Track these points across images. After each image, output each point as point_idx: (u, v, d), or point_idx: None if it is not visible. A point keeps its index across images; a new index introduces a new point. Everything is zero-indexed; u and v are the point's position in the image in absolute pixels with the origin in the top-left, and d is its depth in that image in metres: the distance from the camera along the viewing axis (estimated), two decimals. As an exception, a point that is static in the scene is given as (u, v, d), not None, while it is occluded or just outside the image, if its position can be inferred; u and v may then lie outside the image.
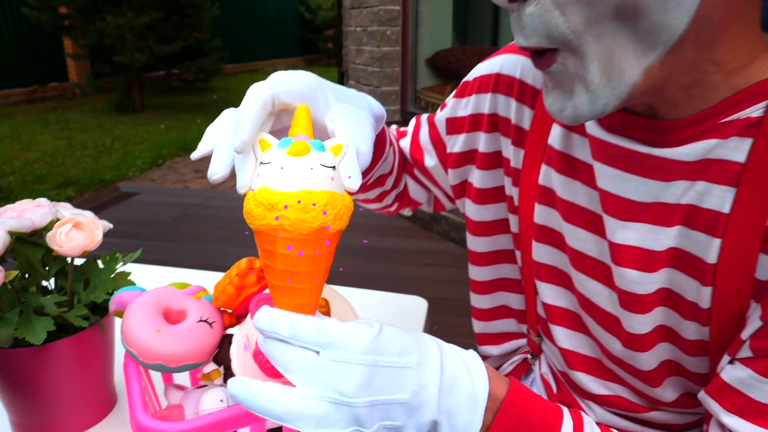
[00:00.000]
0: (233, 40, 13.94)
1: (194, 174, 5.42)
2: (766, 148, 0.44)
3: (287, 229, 0.41)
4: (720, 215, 0.47)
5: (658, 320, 0.54)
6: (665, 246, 0.51)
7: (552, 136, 0.61)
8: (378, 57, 3.35)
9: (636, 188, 0.51)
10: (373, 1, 3.32)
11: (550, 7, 0.41)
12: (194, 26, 10.03)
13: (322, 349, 0.40)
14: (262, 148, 0.44)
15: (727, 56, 0.44)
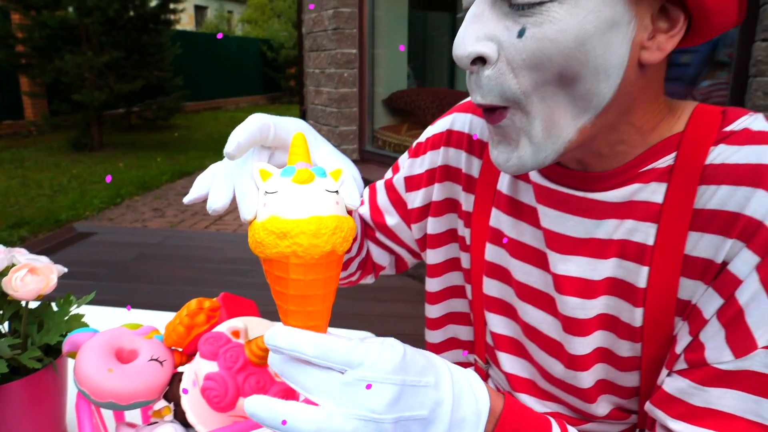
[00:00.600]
0: (195, 78, 13.95)
1: (153, 213, 5.37)
2: (678, 191, 0.53)
3: (300, 255, 0.43)
4: (646, 247, 0.55)
5: (597, 342, 0.61)
6: (602, 276, 0.58)
7: (501, 182, 0.69)
8: (336, 98, 3.44)
9: (574, 226, 0.59)
10: (330, 45, 3.42)
11: (505, 71, 0.48)
12: (156, 65, 10.02)
13: (350, 369, 0.42)
14: (263, 178, 0.45)
15: (642, 120, 0.54)
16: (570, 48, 0.46)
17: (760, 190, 0.48)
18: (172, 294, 2.88)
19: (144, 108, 10.32)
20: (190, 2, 20.62)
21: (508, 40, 0.48)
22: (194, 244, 3.75)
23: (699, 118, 0.55)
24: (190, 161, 7.82)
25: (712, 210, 0.51)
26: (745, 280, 0.48)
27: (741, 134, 0.51)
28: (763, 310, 0.48)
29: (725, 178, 0.50)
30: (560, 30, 0.46)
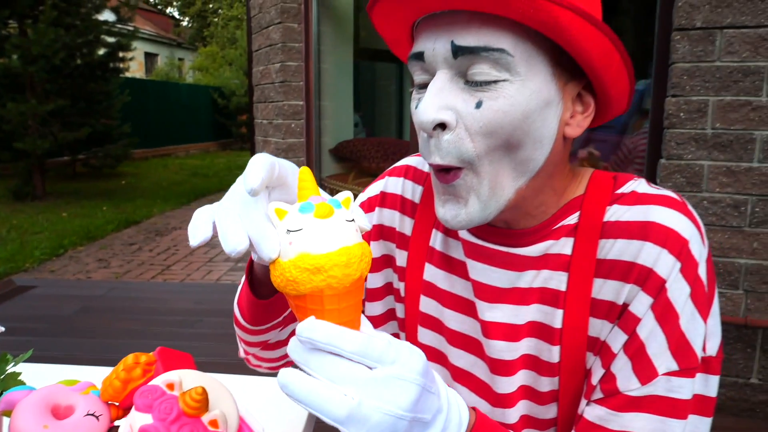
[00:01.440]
0: (144, 126, 13.81)
1: (97, 264, 5.23)
2: (583, 244, 0.62)
3: (334, 286, 0.44)
4: (560, 293, 0.64)
5: (521, 381, 0.67)
6: (525, 320, 0.66)
7: (433, 240, 0.75)
8: (284, 148, 3.51)
9: (499, 278, 0.67)
10: (278, 97, 3.51)
11: (463, 136, 0.55)
12: (103, 112, 9.89)
13: (382, 366, 0.45)
14: (280, 217, 0.46)
15: (558, 184, 0.64)
16: (518, 119, 0.55)
17: (648, 243, 0.58)
18: (115, 348, 2.81)
19: (90, 156, 10.13)
20: (140, 50, 20.57)
21: (467, 110, 0.55)
22: (140, 296, 3.68)
23: (596, 183, 0.65)
24: (138, 210, 7.69)
25: (612, 260, 0.60)
26: (643, 318, 0.57)
27: (630, 196, 0.61)
28: (660, 342, 0.57)
29: (620, 233, 0.60)
30: (511, 104, 0.54)
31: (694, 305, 0.57)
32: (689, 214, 0.59)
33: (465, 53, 0.54)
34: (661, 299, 0.57)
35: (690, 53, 2.07)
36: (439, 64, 0.56)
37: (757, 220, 2.08)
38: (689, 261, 0.57)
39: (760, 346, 2.17)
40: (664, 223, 0.58)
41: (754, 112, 2.03)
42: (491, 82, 0.54)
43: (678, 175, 2.14)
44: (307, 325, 0.45)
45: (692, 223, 0.59)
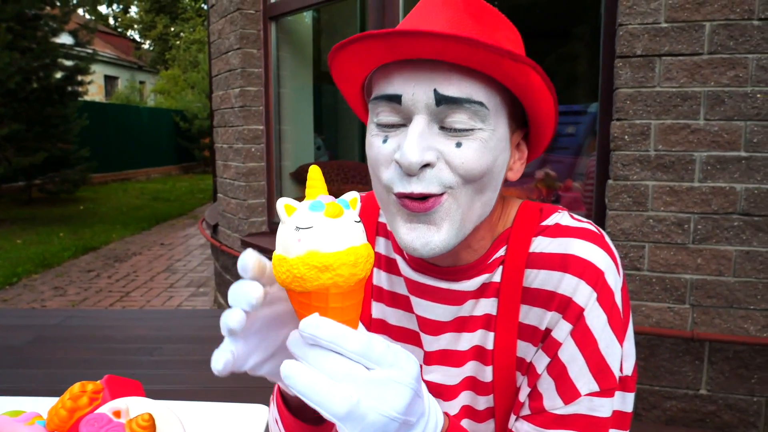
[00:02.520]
0: (104, 150, 13.57)
1: (53, 292, 5.10)
2: (510, 272, 0.67)
3: (340, 284, 0.45)
4: (492, 317, 0.68)
5: (463, 401, 0.71)
6: (470, 345, 0.70)
7: (377, 279, 0.79)
8: (244, 172, 3.51)
9: (443, 312, 0.71)
10: (237, 122, 3.52)
11: (444, 169, 0.59)
12: (60, 136, 9.71)
13: (381, 368, 0.46)
14: (288, 213, 0.47)
15: (494, 217, 0.70)
16: (490, 162, 0.60)
17: (567, 275, 0.63)
18: (69, 378, 2.73)
19: (46, 181, 9.90)
20: (100, 73, 20.27)
21: (448, 149, 0.58)
22: (97, 324, 3.59)
23: (523, 215, 0.70)
24: (96, 235, 7.52)
25: (536, 289, 0.66)
26: (564, 343, 0.62)
27: (553, 228, 0.67)
28: (580, 365, 0.62)
29: (543, 264, 0.65)
30: (485, 148, 0.59)
31: (611, 331, 0.62)
32: (605, 246, 0.65)
33: (448, 102, 0.57)
34: (579, 326, 0.62)
35: (632, 79, 2.17)
36: (420, 109, 0.58)
37: (700, 237, 2.17)
38: (605, 290, 0.62)
39: (707, 358, 2.26)
40: (581, 256, 0.63)
41: (693, 134, 2.14)
42: (468, 129, 0.58)
43: (625, 195, 2.23)
44: (311, 322, 0.46)
45: (608, 255, 0.64)
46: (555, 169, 3.32)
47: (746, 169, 2.11)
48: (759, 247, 2.13)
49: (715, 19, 2.08)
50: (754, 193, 2.11)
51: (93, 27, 10.81)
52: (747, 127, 2.09)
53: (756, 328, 2.17)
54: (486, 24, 0.60)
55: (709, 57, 2.10)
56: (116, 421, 0.73)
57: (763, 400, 2.23)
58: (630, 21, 2.16)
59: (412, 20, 0.61)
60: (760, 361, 2.21)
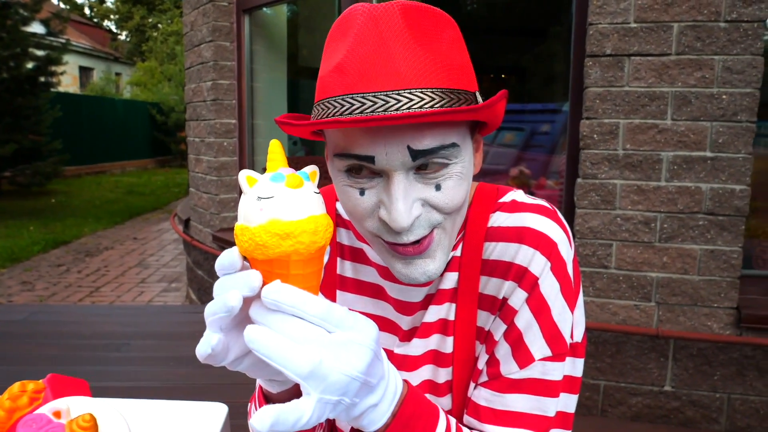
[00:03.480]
0: (77, 142, 13.32)
1: (21, 287, 4.99)
2: (470, 246, 0.69)
3: (301, 251, 0.47)
4: (455, 290, 0.70)
5: (425, 375, 0.72)
6: (436, 318, 0.71)
7: (342, 268, 0.79)
8: (215, 167, 3.46)
9: (416, 293, 0.73)
10: (209, 115, 3.47)
11: (431, 211, 0.60)
12: (31, 128, 9.50)
13: (341, 330, 0.49)
14: (250, 184, 0.49)
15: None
16: (466, 187, 0.62)
17: (523, 246, 0.65)
18: (32, 375, 2.67)
19: (17, 173, 9.68)
20: (75, 63, 19.89)
21: (430, 194, 0.60)
22: (64, 320, 3.52)
23: (481, 194, 0.73)
24: (67, 229, 7.39)
25: (494, 260, 0.68)
26: (519, 310, 0.65)
27: (510, 204, 0.70)
28: (534, 331, 0.64)
29: (501, 237, 0.68)
30: (460, 179, 0.61)
31: (563, 299, 0.65)
32: (558, 220, 0.67)
33: (424, 155, 0.57)
34: (534, 294, 0.65)
35: (601, 78, 2.19)
36: (396, 167, 0.57)
37: (666, 235, 2.20)
38: (558, 261, 0.65)
39: (672, 356, 2.29)
40: (537, 228, 0.66)
41: (660, 134, 2.16)
42: (443, 165, 0.59)
43: (593, 194, 2.25)
44: (273, 288, 0.47)
45: (560, 228, 0.67)
46: (529, 167, 3.34)
47: (711, 169, 2.14)
48: (723, 246, 2.16)
49: (683, 20, 2.10)
50: (719, 193, 2.14)
51: (66, 16, 10.59)
52: (713, 128, 2.12)
53: (719, 325, 2.21)
54: (430, 35, 0.58)
55: (677, 58, 2.12)
56: (56, 421, 0.71)
57: (725, 396, 2.27)
58: (600, 20, 2.17)
59: (361, 64, 0.56)
60: (722, 358, 2.25)
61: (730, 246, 2.16)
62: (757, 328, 2.18)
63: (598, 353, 2.36)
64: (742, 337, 2.19)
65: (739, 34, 2.06)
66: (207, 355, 0.50)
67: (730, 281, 2.18)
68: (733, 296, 2.19)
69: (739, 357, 2.24)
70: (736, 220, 2.14)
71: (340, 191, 0.63)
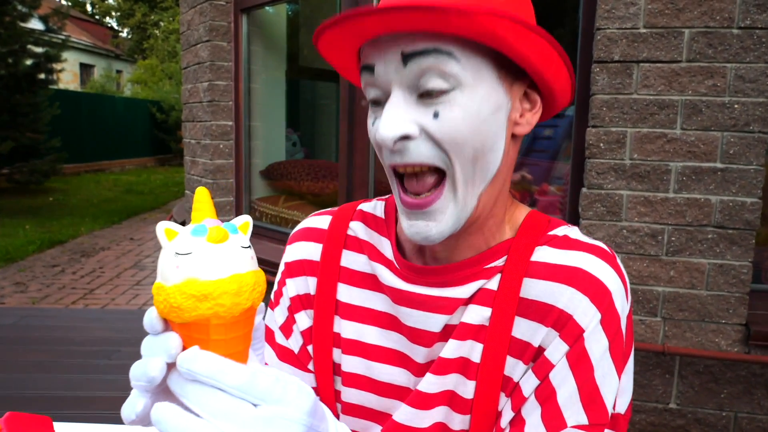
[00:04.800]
0: (77, 140, 13.26)
1: (14, 288, 4.92)
2: (508, 280, 0.61)
3: (221, 315, 0.42)
4: (483, 327, 0.61)
5: (437, 417, 0.64)
6: (457, 354, 0.62)
7: (349, 296, 0.70)
8: (211, 169, 3.39)
9: (434, 322, 0.64)
10: (205, 117, 3.40)
11: (428, 142, 0.55)
12: (29, 125, 9.44)
13: (266, 404, 0.42)
14: (169, 237, 0.44)
15: (507, 187, 0.64)
16: (474, 125, 0.55)
17: (570, 288, 0.57)
18: (21, 383, 2.61)
19: (14, 171, 9.61)
20: (75, 60, 19.83)
21: (427, 121, 0.55)
22: (55, 324, 3.46)
23: (529, 224, 0.65)
24: (64, 228, 7.32)
25: (533, 300, 0.59)
26: (557, 364, 0.56)
27: (561, 239, 0.61)
28: (570, 392, 0.55)
29: (546, 275, 0.59)
30: (465, 112, 0.55)
31: (611, 359, 0.56)
32: (617, 267, 0.59)
33: (415, 58, 0.54)
34: (577, 348, 0.56)
35: (609, 85, 2.12)
36: (391, 74, 0.56)
37: (674, 249, 2.13)
38: (611, 313, 0.56)
39: (677, 372, 2.22)
40: (590, 271, 0.57)
41: (669, 144, 2.09)
42: (442, 92, 0.54)
43: (599, 204, 2.17)
44: (188, 356, 0.42)
45: (618, 276, 0.58)
46: (531, 172, 3.27)
47: (722, 180, 2.06)
48: (732, 260, 2.09)
49: (695, 26, 2.03)
50: (729, 206, 2.07)
51: (65, 12, 10.52)
52: (724, 138, 2.05)
53: (727, 342, 2.14)
54: None
55: (688, 65, 2.05)
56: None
57: (732, 414, 2.20)
58: (608, 25, 2.10)
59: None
60: (730, 375, 2.17)
61: (740, 260, 2.09)
62: (766, 345, 2.11)
63: (601, 369, 2.29)
64: (751, 355, 2.12)
65: (753, 42, 1.98)
66: (131, 420, 0.44)
67: (739, 297, 2.11)
68: (742, 312, 2.11)
69: (747, 375, 2.16)
70: (746, 234, 2.07)
71: None
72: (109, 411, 2.38)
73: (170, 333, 0.44)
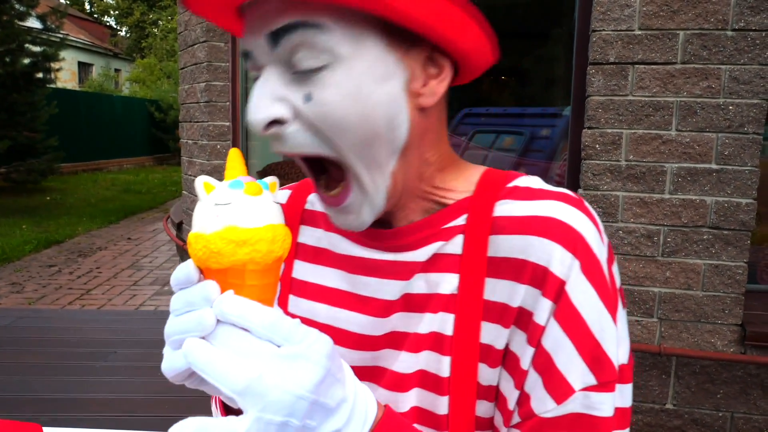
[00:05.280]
0: (74, 139, 13.23)
1: (10, 288, 4.91)
2: (472, 241, 0.56)
3: (257, 260, 0.45)
4: (452, 296, 0.56)
5: (414, 401, 0.58)
6: (429, 329, 0.57)
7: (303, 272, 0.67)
8: (208, 170, 3.39)
9: (390, 290, 0.60)
10: (203, 117, 3.40)
11: (305, 129, 0.50)
12: (26, 124, 9.42)
13: (289, 344, 0.44)
14: (207, 191, 0.47)
15: (435, 156, 0.58)
16: (354, 106, 0.49)
17: (540, 238, 0.51)
18: (14, 386, 2.60)
19: (11, 170, 9.60)
20: (74, 59, 19.79)
21: (299, 104, 0.50)
22: (51, 326, 3.45)
23: (486, 179, 0.59)
24: (61, 228, 7.31)
25: (503, 257, 0.54)
26: (546, 326, 0.50)
27: (523, 190, 0.56)
28: (568, 353, 0.50)
29: (511, 229, 0.54)
30: (341, 92, 0.49)
31: (603, 308, 0.51)
32: (586, 210, 0.54)
33: (282, 35, 0.49)
34: (563, 303, 0.51)
35: (604, 87, 2.12)
36: (263, 57, 0.50)
37: (669, 249, 2.13)
38: (589, 258, 0.51)
39: (674, 373, 2.22)
40: (558, 218, 0.52)
41: (665, 145, 2.09)
42: (315, 70, 0.49)
43: (595, 206, 2.17)
44: (222, 298, 0.45)
45: (589, 219, 0.53)
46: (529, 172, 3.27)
47: (717, 181, 2.07)
48: (728, 261, 2.09)
49: (689, 28, 2.03)
50: (724, 207, 2.07)
51: (63, 11, 10.49)
52: (718, 139, 2.05)
53: (723, 343, 2.14)
54: None
55: (683, 66, 2.05)
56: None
57: (728, 415, 2.20)
58: (604, 27, 2.10)
59: None
60: (726, 376, 2.18)
61: (735, 261, 2.09)
62: (761, 345, 2.12)
63: (597, 370, 2.29)
64: (747, 355, 2.13)
65: (747, 43, 1.99)
66: (178, 372, 0.46)
67: (735, 297, 2.11)
68: (738, 313, 2.12)
69: (743, 375, 2.17)
70: (742, 235, 2.07)
71: None
72: (105, 414, 2.38)
73: (207, 281, 0.46)
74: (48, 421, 2.21)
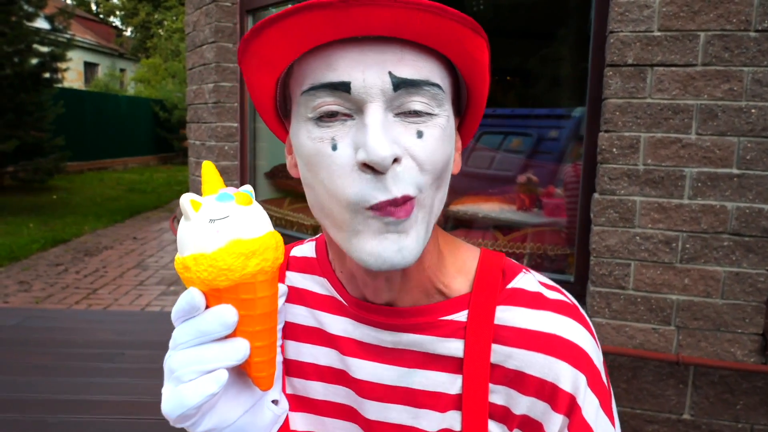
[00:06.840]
0: (80, 138, 13.27)
1: (18, 286, 4.90)
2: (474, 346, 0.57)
3: (266, 270, 0.44)
4: (458, 396, 0.58)
5: None
6: (438, 427, 0.58)
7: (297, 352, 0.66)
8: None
9: (388, 375, 0.60)
10: (211, 118, 3.37)
11: (413, 166, 0.50)
12: (33, 124, 9.45)
13: None
14: (195, 208, 0.45)
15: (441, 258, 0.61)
16: (448, 152, 0.53)
17: (548, 357, 0.54)
18: (21, 386, 2.58)
19: (18, 169, 9.61)
20: (80, 59, 19.84)
21: (410, 142, 0.50)
22: (57, 326, 3.43)
23: (483, 277, 0.60)
24: (67, 227, 7.30)
25: (507, 369, 0.56)
26: None
27: (522, 296, 0.58)
28: None
29: (516, 342, 0.56)
30: (444, 136, 0.52)
31: (605, 415, 0.55)
32: (582, 320, 0.57)
33: (406, 86, 0.49)
34: (576, 418, 0.54)
35: (622, 89, 2.07)
36: (374, 96, 0.49)
37: (688, 256, 2.09)
38: (593, 372, 0.55)
39: (692, 383, 2.18)
40: (562, 335, 0.55)
41: (684, 149, 2.04)
42: (427, 114, 0.51)
43: (611, 210, 2.13)
44: None
45: (587, 331, 0.57)
46: (537, 174, 3.22)
47: (738, 187, 2.02)
48: (749, 268, 2.04)
49: (710, 29, 1.98)
50: (745, 213, 2.02)
51: (71, 12, 10.50)
52: (740, 143, 2.00)
53: (743, 352, 2.09)
54: None
55: (703, 68, 2.00)
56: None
57: (748, 426, 2.16)
58: (621, 28, 2.05)
59: None
60: (746, 386, 2.13)
61: (756, 269, 2.04)
62: (782, 355, 2.07)
63: (612, 378, 2.25)
64: (767, 366, 2.08)
65: (771, 45, 1.94)
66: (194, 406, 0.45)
67: (756, 306, 2.06)
68: (759, 322, 2.07)
69: (764, 386, 2.12)
70: (763, 242, 2.02)
71: (304, 158, 0.51)
72: (113, 416, 2.35)
73: (221, 306, 0.44)
74: (55, 422, 2.19)
